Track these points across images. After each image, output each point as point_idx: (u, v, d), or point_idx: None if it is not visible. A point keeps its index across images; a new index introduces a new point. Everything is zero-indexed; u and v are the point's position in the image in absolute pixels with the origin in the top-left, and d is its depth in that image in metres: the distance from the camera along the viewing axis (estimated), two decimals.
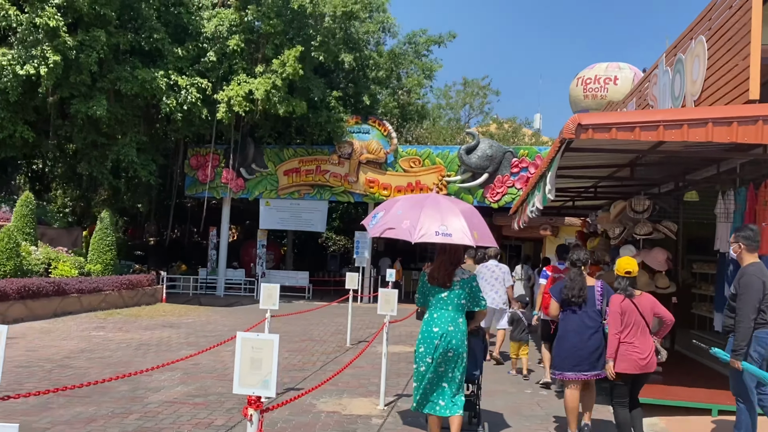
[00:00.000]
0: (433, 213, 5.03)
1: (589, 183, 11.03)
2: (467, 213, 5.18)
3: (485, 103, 37.50)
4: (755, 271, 4.87)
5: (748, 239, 4.98)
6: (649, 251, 7.48)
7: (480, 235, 5.11)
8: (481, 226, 5.25)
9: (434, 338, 5.02)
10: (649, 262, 7.38)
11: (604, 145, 6.55)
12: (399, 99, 22.82)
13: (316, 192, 20.77)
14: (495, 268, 9.89)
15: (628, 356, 5.04)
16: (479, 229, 5.14)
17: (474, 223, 5.12)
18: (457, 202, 5.47)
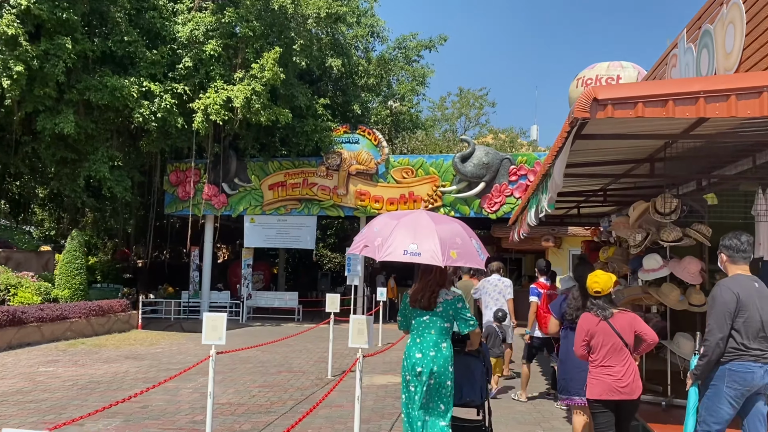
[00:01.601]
0: (406, 231, 4.77)
1: (597, 185, 9.77)
2: (448, 231, 4.84)
3: (481, 114, 36.56)
4: (729, 282, 4.13)
5: (730, 249, 4.24)
6: (678, 261, 6.21)
7: (460, 254, 4.72)
8: (465, 246, 4.84)
9: (417, 365, 4.77)
10: (680, 275, 6.11)
11: (626, 129, 5.31)
12: (391, 107, 21.65)
13: (303, 207, 19.52)
14: (498, 282, 9.60)
15: (602, 380, 4.56)
16: (461, 249, 4.77)
17: (454, 243, 4.76)
18: (444, 220, 5.09)
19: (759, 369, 3.96)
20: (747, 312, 3.99)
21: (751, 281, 4.10)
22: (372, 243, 4.87)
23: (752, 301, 4.01)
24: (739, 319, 3.99)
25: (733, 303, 3.99)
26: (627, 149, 6.89)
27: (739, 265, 4.20)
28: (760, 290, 4.09)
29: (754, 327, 3.98)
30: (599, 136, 5.40)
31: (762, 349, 3.99)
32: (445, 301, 4.91)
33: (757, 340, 3.99)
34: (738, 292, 4.01)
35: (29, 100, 15.41)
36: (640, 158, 7.28)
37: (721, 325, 3.99)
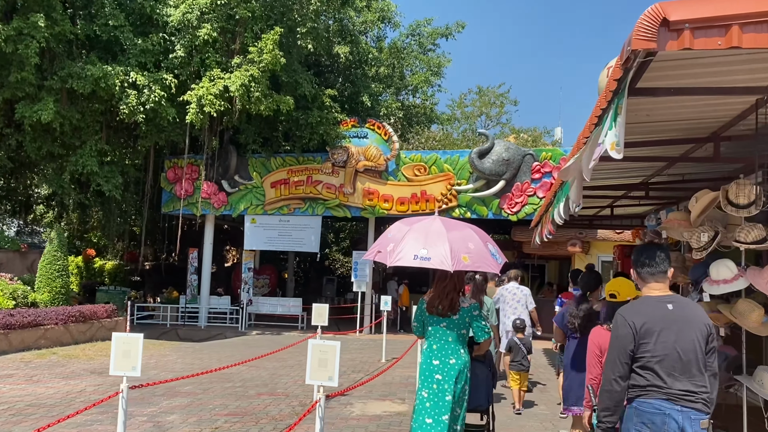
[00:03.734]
0: (418, 236, 4.87)
1: (639, 176, 8.15)
2: (459, 237, 4.85)
3: (502, 113, 34.94)
4: (626, 309, 3.37)
5: (636, 264, 3.45)
6: (760, 271, 4.62)
7: (473, 259, 4.72)
8: (478, 251, 4.82)
9: (434, 372, 4.80)
10: (764, 288, 4.52)
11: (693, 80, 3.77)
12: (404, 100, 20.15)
13: (307, 206, 18.07)
14: (516, 291, 9.37)
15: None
16: (473, 254, 4.76)
17: (466, 248, 4.77)
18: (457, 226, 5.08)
19: (678, 413, 3.09)
20: (654, 343, 3.18)
21: (663, 303, 3.25)
22: (384, 249, 4.96)
23: (663, 329, 3.19)
24: (645, 353, 3.19)
25: (628, 337, 3.22)
26: (685, 122, 5.30)
27: (650, 284, 3.36)
28: (676, 314, 3.22)
29: (668, 360, 3.15)
30: (661, 92, 3.84)
31: (687, 390, 3.11)
32: (462, 309, 4.91)
33: (676, 376, 3.13)
34: (634, 322, 3.22)
35: (7, 86, 14.20)
36: (701, 136, 5.68)
37: (613, 366, 3.25)
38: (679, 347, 3.14)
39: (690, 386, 3.10)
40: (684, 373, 3.12)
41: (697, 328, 3.18)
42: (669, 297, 3.32)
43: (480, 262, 4.83)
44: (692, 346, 3.14)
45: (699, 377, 3.13)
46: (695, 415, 3.08)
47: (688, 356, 3.13)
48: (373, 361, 11.96)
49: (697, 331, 3.17)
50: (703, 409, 3.10)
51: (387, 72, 19.20)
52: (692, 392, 3.09)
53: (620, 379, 3.22)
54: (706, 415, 3.13)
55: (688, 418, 3.07)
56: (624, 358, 3.22)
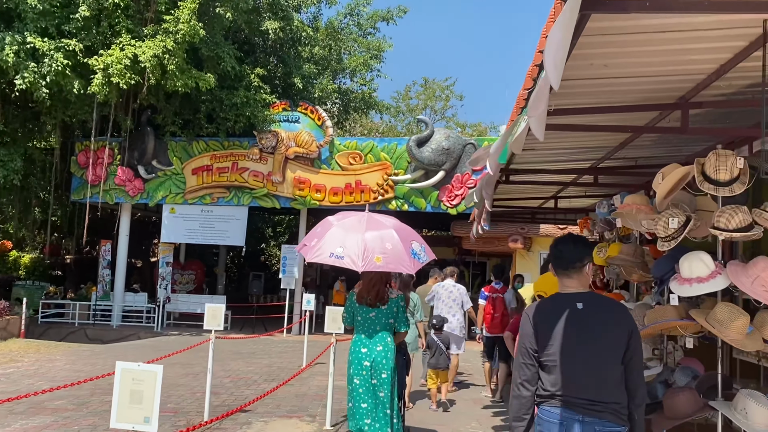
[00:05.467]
0: (338, 234, 5.10)
1: (588, 160, 7.15)
2: (378, 237, 5.05)
3: (447, 107, 34.13)
4: (533, 307, 3.08)
5: (551, 258, 3.10)
6: (743, 266, 3.60)
7: (387, 260, 4.94)
8: (395, 252, 5.00)
9: (363, 359, 5.08)
10: (747, 288, 3.49)
11: None
12: (341, 84, 18.87)
13: (232, 195, 16.59)
14: (452, 289, 8.92)
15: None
16: (389, 254, 4.96)
17: (383, 248, 4.98)
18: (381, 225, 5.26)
19: (578, 425, 2.79)
20: (555, 345, 2.89)
21: (572, 302, 2.96)
22: (310, 243, 5.19)
23: (567, 330, 2.89)
24: (546, 355, 2.91)
25: (529, 338, 2.98)
26: (649, 79, 4.25)
27: (563, 280, 3.06)
28: (586, 313, 2.91)
29: (571, 365, 2.84)
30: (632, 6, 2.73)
31: (591, 399, 2.80)
32: (390, 299, 5.19)
33: (580, 383, 2.83)
34: (536, 322, 2.98)
35: None
36: (666, 103, 4.67)
37: (518, 369, 3.00)
38: (584, 351, 2.82)
39: (596, 395, 2.79)
40: (591, 380, 2.81)
41: (612, 331, 2.85)
42: (581, 295, 2.96)
43: (395, 263, 5.05)
44: (602, 351, 2.82)
45: (609, 384, 2.81)
46: (601, 427, 2.77)
47: (596, 361, 2.82)
48: (293, 367, 10.68)
49: (611, 333, 2.85)
50: (614, 420, 2.78)
51: (323, 53, 17.86)
52: (598, 402, 2.78)
53: (527, 383, 2.92)
54: (619, 427, 2.80)
55: (593, 429, 2.77)
56: (528, 359, 2.94)
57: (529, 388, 2.92)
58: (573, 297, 2.95)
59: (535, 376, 2.93)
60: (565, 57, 2.27)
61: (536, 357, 2.92)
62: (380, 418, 5.02)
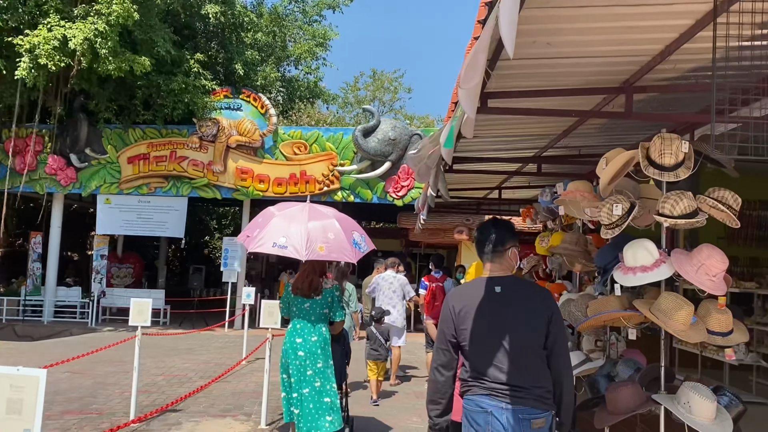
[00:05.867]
0: (281, 223, 5.15)
1: (531, 148, 7.02)
2: (320, 227, 5.14)
3: (396, 99, 34.01)
4: (455, 290, 3.10)
5: (475, 243, 3.07)
6: (688, 255, 3.47)
7: (329, 249, 5.04)
8: (337, 241, 5.12)
9: (298, 349, 5.13)
10: (692, 277, 3.37)
11: None
12: (285, 72, 18.37)
13: (171, 185, 15.95)
14: (393, 280, 8.81)
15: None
16: (331, 243, 5.06)
17: (325, 238, 5.07)
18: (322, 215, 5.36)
19: (502, 411, 2.71)
20: (472, 329, 2.83)
21: (492, 285, 2.90)
22: (252, 233, 5.25)
23: (484, 314, 2.83)
24: (464, 341, 2.85)
25: (447, 322, 2.92)
26: (594, 60, 4.09)
27: (486, 265, 3.01)
28: (505, 297, 2.85)
29: (490, 350, 2.79)
30: None
31: (514, 385, 2.72)
32: (324, 290, 5.26)
33: (500, 368, 2.76)
34: (454, 306, 2.91)
35: None
36: (611, 86, 4.52)
37: (435, 353, 2.95)
38: (503, 335, 2.77)
39: (518, 380, 2.72)
40: (511, 365, 2.74)
41: (531, 315, 2.80)
42: (501, 279, 2.91)
43: (337, 252, 5.15)
44: (522, 335, 2.76)
45: (531, 370, 2.74)
46: (525, 413, 2.70)
47: (516, 346, 2.75)
48: (232, 363, 10.27)
49: (530, 317, 2.79)
50: (538, 406, 2.72)
51: (266, 40, 17.32)
52: (520, 387, 2.71)
53: (442, 368, 2.88)
54: (543, 412, 2.73)
55: (516, 416, 2.69)
56: (444, 344, 2.90)
57: (444, 373, 2.88)
58: (492, 281, 2.90)
59: (452, 362, 2.89)
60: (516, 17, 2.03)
61: (454, 342, 2.89)
62: (317, 409, 5.06)
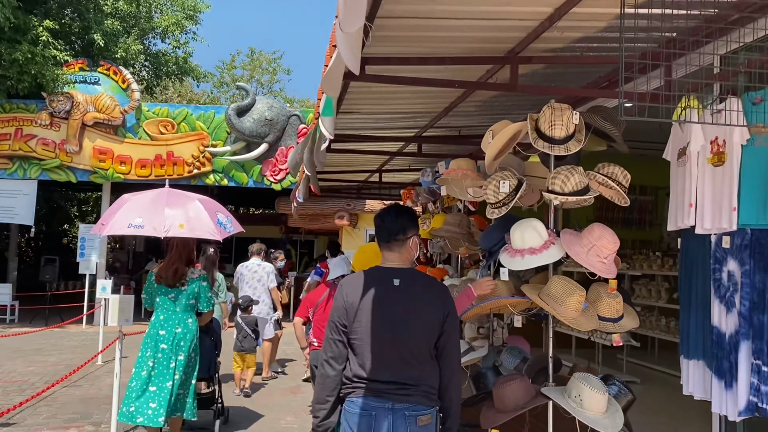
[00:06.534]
0: (135, 205, 5.05)
1: (412, 128, 6.68)
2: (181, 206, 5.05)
3: (274, 81, 32.92)
4: (348, 279, 2.87)
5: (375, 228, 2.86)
6: (577, 235, 3.21)
7: (190, 226, 4.94)
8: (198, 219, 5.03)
9: (160, 341, 4.95)
10: (583, 260, 3.10)
11: None
12: (150, 45, 16.94)
13: (16, 167, 14.18)
14: (257, 268, 8.32)
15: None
16: (191, 221, 4.97)
17: (185, 216, 4.98)
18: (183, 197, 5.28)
19: (387, 413, 2.58)
20: (364, 323, 2.65)
21: (389, 277, 2.72)
22: (107, 221, 5.13)
23: (378, 307, 2.66)
24: (354, 335, 2.68)
25: (339, 311, 2.72)
26: (478, 24, 3.73)
27: (385, 254, 2.81)
28: (401, 290, 2.69)
29: (379, 345, 2.63)
30: None
31: (401, 382, 2.60)
32: (191, 279, 5.11)
33: (388, 365, 2.63)
34: (347, 295, 2.72)
35: None
36: (496, 56, 4.20)
37: (326, 344, 2.74)
38: (394, 330, 2.63)
39: (405, 377, 2.61)
40: (400, 363, 2.63)
41: (428, 311, 2.68)
42: (400, 270, 2.76)
43: (200, 229, 5.01)
44: (414, 331, 2.65)
45: (419, 366, 2.64)
46: (411, 411, 2.60)
47: (408, 343, 2.64)
48: (86, 356, 9.19)
49: (426, 314, 2.67)
50: (424, 402, 2.63)
51: (129, 9, 15.85)
52: (407, 384, 2.61)
53: (334, 361, 2.70)
54: (429, 409, 2.65)
55: (402, 415, 2.59)
56: (336, 335, 2.72)
57: (336, 367, 2.69)
58: (391, 272, 2.74)
59: (344, 354, 2.71)
60: None
61: (346, 332, 2.71)
62: (170, 400, 4.87)
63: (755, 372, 3.35)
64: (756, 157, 3.34)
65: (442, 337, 2.69)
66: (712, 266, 3.75)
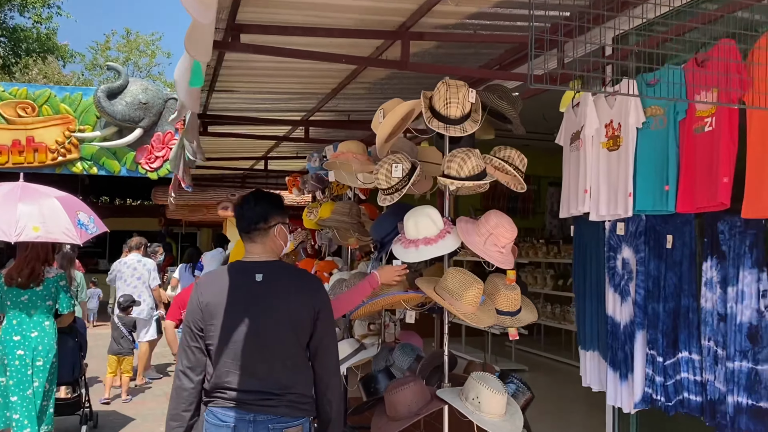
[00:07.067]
0: None
1: (298, 111, 6.26)
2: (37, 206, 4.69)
3: (153, 64, 31.17)
4: (205, 278, 2.57)
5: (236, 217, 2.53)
6: (472, 223, 2.94)
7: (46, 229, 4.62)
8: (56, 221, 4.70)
9: (16, 347, 4.66)
10: (480, 250, 2.83)
11: None
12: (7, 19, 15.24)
13: None
14: (137, 265, 7.80)
15: None
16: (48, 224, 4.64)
17: (40, 217, 4.63)
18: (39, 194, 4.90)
19: (248, 426, 2.31)
20: (222, 326, 2.36)
21: (251, 272, 2.42)
22: None
23: (238, 307, 2.38)
24: (210, 340, 2.38)
25: (195, 314, 2.40)
26: None
27: (247, 244, 2.50)
28: (264, 287, 2.40)
29: (240, 351, 2.34)
30: None
31: (265, 391, 2.33)
32: (47, 279, 4.84)
33: (252, 372, 2.34)
34: (202, 294, 2.41)
35: None
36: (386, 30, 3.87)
37: (181, 353, 2.43)
38: (259, 334, 2.36)
39: (270, 385, 2.35)
40: (264, 369, 2.36)
41: (297, 309, 2.41)
42: (264, 264, 2.47)
43: (56, 232, 4.74)
44: (281, 334, 2.38)
45: (287, 373, 2.38)
46: (276, 423, 2.33)
47: (273, 346, 2.36)
48: None
49: (295, 312, 2.40)
50: (292, 413, 2.37)
51: None
52: (272, 394, 2.34)
53: (190, 371, 2.38)
54: (298, 420, 2.38)
55: (265, 428, 2.32)
56: (192, 341, 2.40)
57: (193, 378, 2.39)
58: (253, 266, 2.45)
59: (202, 362, 2.41)
60: None
61: (202, 337, 2.41)
62: (34, 408, 4.66)
63: (650, 363, 3.26)
64: (652, 141, 3.24)
65: (315, 336, 2.44)
66: (607, 254, 3.66)
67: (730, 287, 2.83)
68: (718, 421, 2.89)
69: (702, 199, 2.94)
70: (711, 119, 2.89)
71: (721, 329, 2.88)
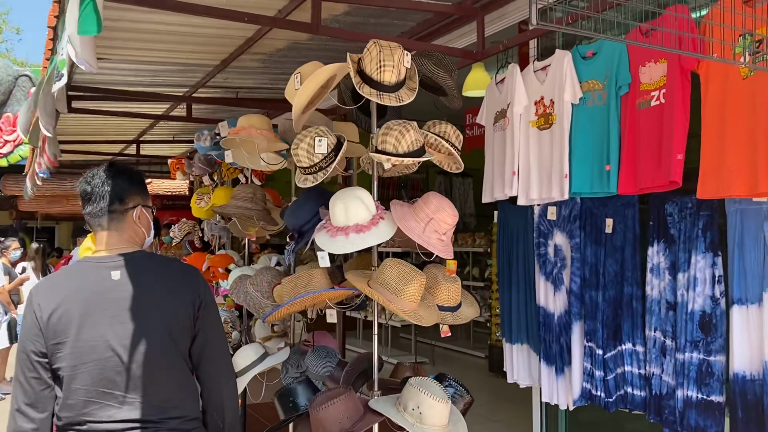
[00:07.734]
0: None
1: (182, 85, 5.57)
2: None
3: (2, 40, 28.27)
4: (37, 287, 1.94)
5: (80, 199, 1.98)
6: (408, 207, 2.55)
7: None
8: None
9: None
10: (419, 237, 2.45)
11: None
12: None
13: None
14: None
15: None
16: None
17: None
18: None
19: None
20: (74, 342, 1.81)
21: (105, 270, 1.88)
22: None
23: (93, 315, 1.83)
24: (60, 357, 1.81)
25: (33, 333, 1.83)
26: None
27: (97, 234, 1.96)
28: (125, 286, 1.87)
29: (100, 371, 1.81)
30: None
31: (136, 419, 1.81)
32: None
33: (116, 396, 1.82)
34: (41, 304, 1.83)
35: None
36: None
37: (16, 387, 1.85)
38: (123, 345, 1.81)
39: (144, 410, 1.80)
40: (132, 392, 1.81)
41: (169, 308, 1.89)
42: (120, 257, 1.90)
43: None
44: (152, 343, 1.84)
45: (165, 389, 1.86)
46: None
47: (142, 362, 1.82)
48: None
49: (167, 312, 1.88)
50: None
51: None
52: (147, 421, 1.81)
53: (30, 408, 1.81)
54: None
55: None
56: (31, 371, 1.81)
57: (35, 416, 1.82)
58: (106, 262, 1.89)
59: (46, 395, 1.84)
60: None
61: (46, 363, 1.84)
62: None
63: (588, 356, 3.05)
64: (590, 118, 3.01)
65: (198, 338, 1.95)
66: (536, 240, 3.42)
67: (680, 273, 2.65)
68: (665, 417, 2.72)
69: (647, 179, 2.74)
70: (658, 92, 2.69)
71: (670, 318, 2.71)
